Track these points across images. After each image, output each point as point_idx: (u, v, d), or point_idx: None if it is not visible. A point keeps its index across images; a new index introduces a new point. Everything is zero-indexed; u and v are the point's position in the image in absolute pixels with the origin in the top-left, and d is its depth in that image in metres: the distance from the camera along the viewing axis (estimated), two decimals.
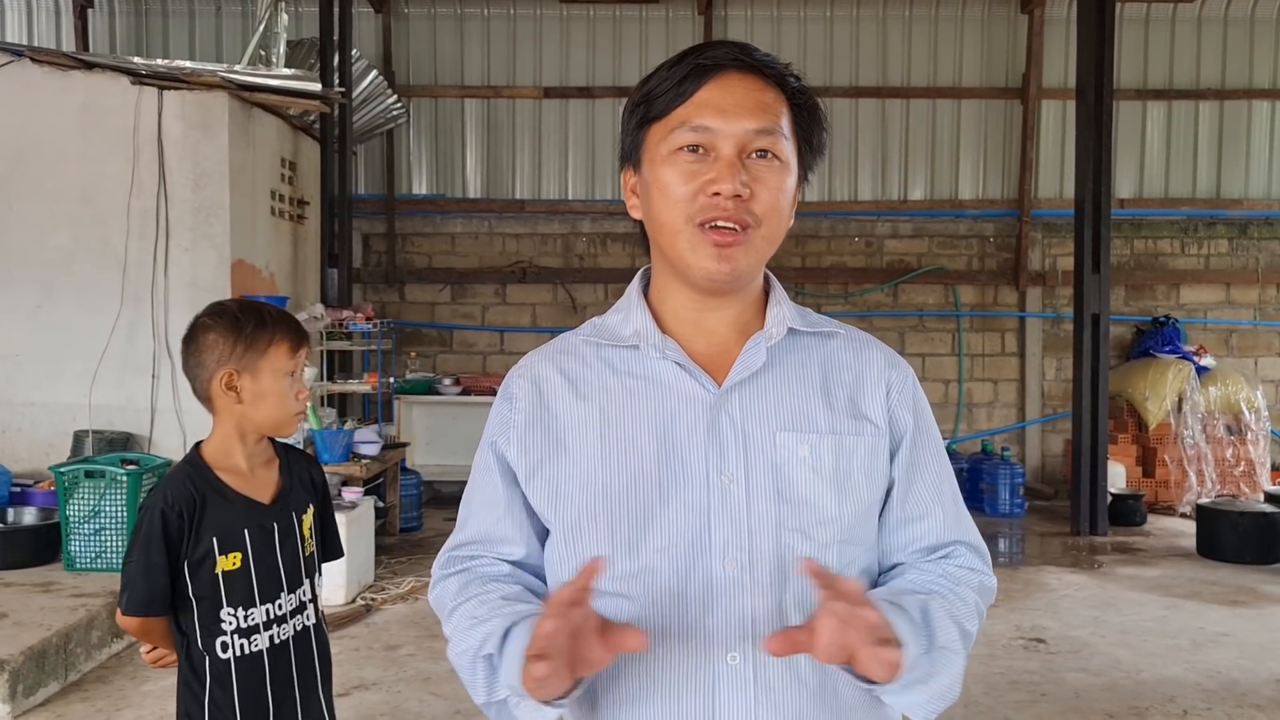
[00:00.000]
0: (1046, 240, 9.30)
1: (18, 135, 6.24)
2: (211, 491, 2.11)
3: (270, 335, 2.12)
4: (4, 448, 6.27)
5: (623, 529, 1.23)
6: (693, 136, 1.21)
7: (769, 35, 9.22)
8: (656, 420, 1.25)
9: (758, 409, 1.26)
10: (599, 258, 9.35)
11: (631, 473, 1.24)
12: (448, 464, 8.74)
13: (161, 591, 2.07)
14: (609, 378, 1.30)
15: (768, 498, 1.23)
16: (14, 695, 4.09)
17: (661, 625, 1.21)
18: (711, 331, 1.31)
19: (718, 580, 1.20)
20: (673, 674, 1.21)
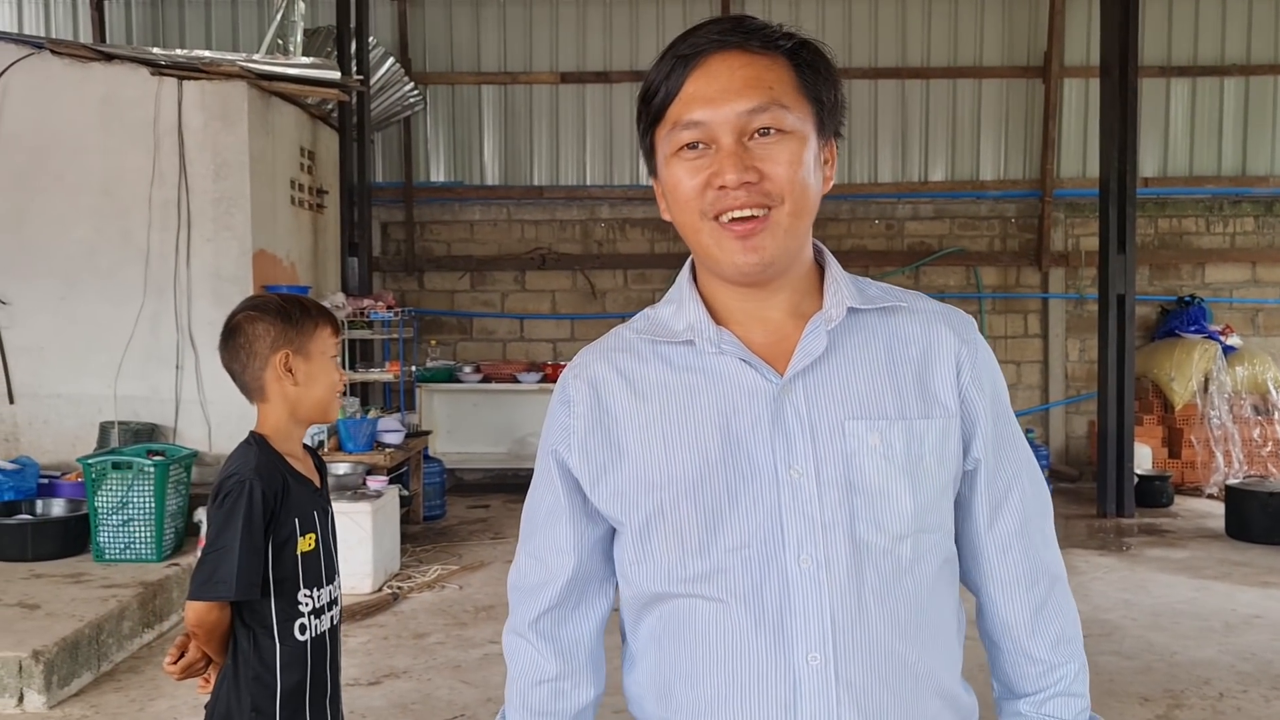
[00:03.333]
0: (1069, 220, 9.22)
1: (39, 128, 6.25)
2: (288, 473, 2.18)
3: (315, 320, 2.24)
4: (31, 440, 6.30)
5: (692, 530, 1.19)
6: (689, 134, 1.17)
7: (786, 16, 9.06)
8: (719, 417, 1.20)
9: (823, 397, 1.20)
10: (618, 243, 9.32)
11: (697, 472, 1.19)
12: (470, 451, 8.75)
13: (261, 573, 2.09)
14: (668, 375, 1.25)
15: (839, 490, 1.17)
16: (49, 686, 4.12)
17: (737, 626, 1.18)
18: (767, 319, 1.25)
19: (794, 579, 1.16)
20: (751, 676, 1.17)
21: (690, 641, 1.21)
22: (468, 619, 5.28)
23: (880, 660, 1.17)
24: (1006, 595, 1.28)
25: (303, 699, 2.16)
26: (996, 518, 1.27)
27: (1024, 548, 1.28)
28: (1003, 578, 1.28)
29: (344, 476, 5.95)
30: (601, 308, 9.29)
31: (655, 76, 1.20)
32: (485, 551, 6.63)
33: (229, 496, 2.09)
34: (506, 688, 1.35)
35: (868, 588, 1.17)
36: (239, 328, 2.20)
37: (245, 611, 2.12)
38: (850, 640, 1.16)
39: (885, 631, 1.17)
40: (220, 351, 2.24)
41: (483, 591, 5.75)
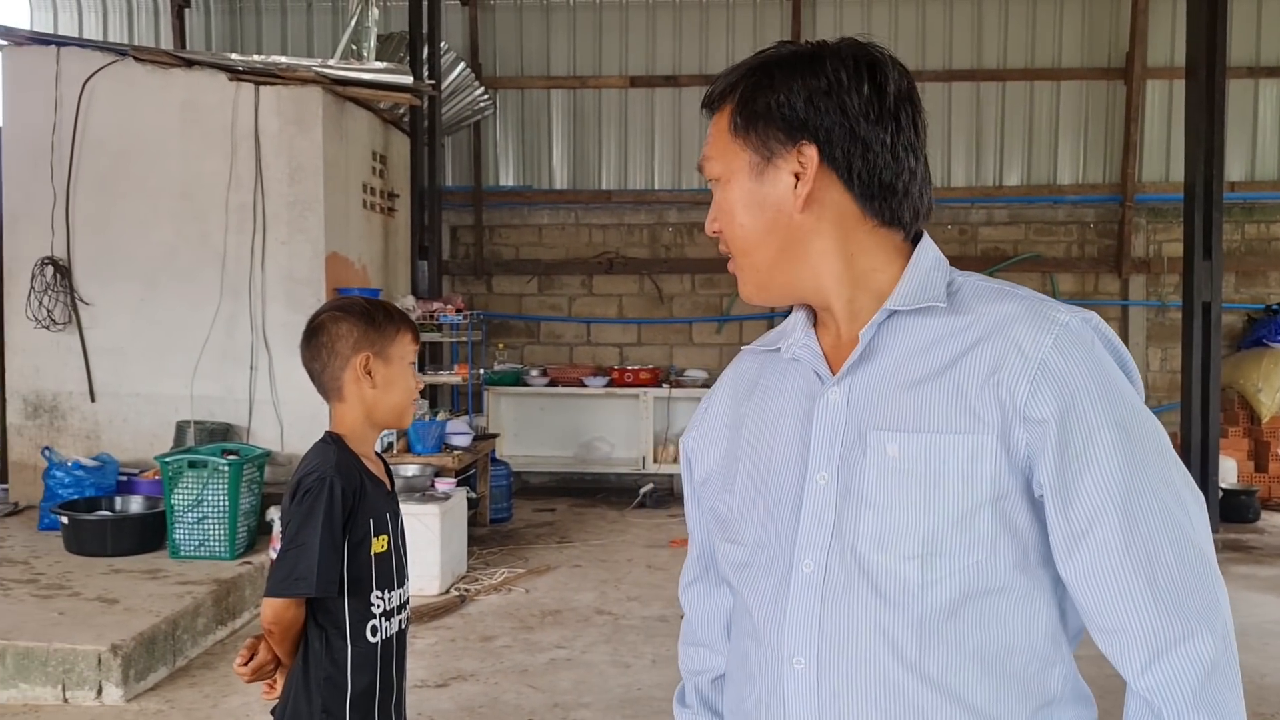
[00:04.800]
0: (1151, 226, 8.97)
1: (122, 133, 6.39)
2: (364, 474, 2.19)
3: (397, 325, 2.24)
4: (111, 438, 6.44)
5: (738, 524, 1.26)
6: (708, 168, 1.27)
7: (859, 20, 9.03)
8: (782, 418, 1.25)
9: (858, 403, 1.17)
10: (686, 248, 9.27)
11: (754, 469, 1.26)
12: (536, 455, 8.77)
13: (339, 571, 2.10)
14: (763, 376, 1.32)
15: (853, 499, 1.14)
16: (126, 680, 4.19)
17: (754, 620, 1.24)
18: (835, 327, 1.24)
19: (795, 581, 1.18)
20: (759, 670, 1.23)
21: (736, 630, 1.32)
22: (534, 623, 5.27)
23: (868, 679, 1.13)
24: (1105, 641, 1.11)
25: (372, 702, 2.15)
26: (1075, 552, 1.10)
27: (1122, 591, 1.07)
28: (1098, 622, 1.11)
29: (413, 478, 5.99)
30: (669, 312, 9.25)
31: None
32: (551, 555, 6.63)
33: (309, 494, 2.08)
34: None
35: (860, 603, 1.13)
36: (322, 326, 2.21)
37: (319, 612, 2.12)
38: (835, 652, 1.14)
39: (878, 651, 1.12)
40: (301, 349, 2.25)
41: (549, 596, 5.74)
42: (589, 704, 4.26)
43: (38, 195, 6.40)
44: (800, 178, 1.18)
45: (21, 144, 6.45)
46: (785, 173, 1.18)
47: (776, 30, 9.07)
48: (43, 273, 6.36)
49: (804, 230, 1.19)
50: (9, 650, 4.18)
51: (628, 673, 4.60)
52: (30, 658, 4.17)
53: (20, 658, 4.17)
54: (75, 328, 6.43)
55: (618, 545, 6.95)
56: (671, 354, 9.26)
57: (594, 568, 6.36)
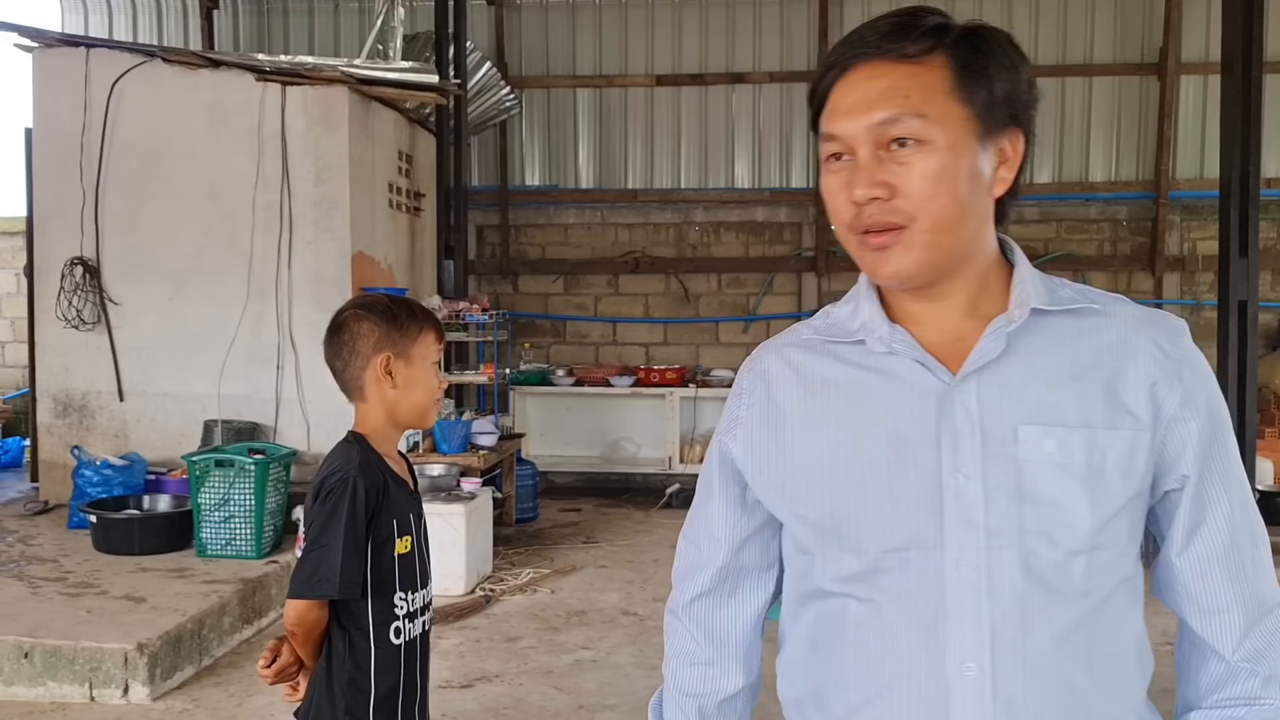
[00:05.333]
0: (1185, 223, 8.83)
1: (151, 134, 6.42)
2: (387, 475, 2.17)
3: (420, 324, 2.21)
4: (140, 437, 6.48)
5: (851, 528, 1.17)
6: (832, 146, 1.17)
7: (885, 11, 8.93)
8: (887, 416, 1.18)
9: (996, 400, 1.15)
10: (712, 247, 9.23)
11: (861, 470, 1.18)
12: (562, 454, 8.74)
13: (363, 572, 2.08)
14: (840, 371, 1.23)
15: (1008, 497, 1.12)
16: (152, 678, 4.20)
17: (892, 630, 1.15)
18: (943, 320, 1.20)
19: (951, 585, 1.12)
20: (903, 682, 1.14)
21: (843, 644, 1.19)
22: (560, 624, 5.25)
23: (1045, 680, 1.12)
24: (1205, 622, 1.19)
25: (395, 704, 2.13)
26: (1192, 541, 1.18)
27: (1227, 574, 1.17)
28: (1203, 604, 1.19)
29: (438, 478, 5.98)
30: (695, 311, 9.21)
31: (814, 84, 1.21)
32: (577, 556, 6.60)
33: (332, 494, 2.06)
34: (665, 664, 1.40)
35: (1034, 602, 1.12)
36: (344, 325, 2.20)
37: (342, 613, 2.10)
38: (1011, 655, 1.11)
39: (1052, 651, 1.12)
40: (324, 347, 2.24)
41: (574, 596, 5.71)
42: (614, 706, 4.23)
43: (67, 196, 6.44)
44: (1006, 163, 1.18)
45: (51, 145, 6.50)
46: (994, 152, 1.16)
47: (804, 28, 9.01)
48: (72, 273, 6.40)
49: (987, 215, 1.19)
50: (37, 648, 4.20)
51: (653, 675, 4.57)
52: (58, 656, 4.19)
53: (48, 656, 4.19)
54: (104, 327, 6.47)
55: (644, 546, 6.91)
56: (698, 354, 9.21)
57: (620, 568, 6.32)
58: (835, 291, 9.01)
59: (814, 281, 9.04)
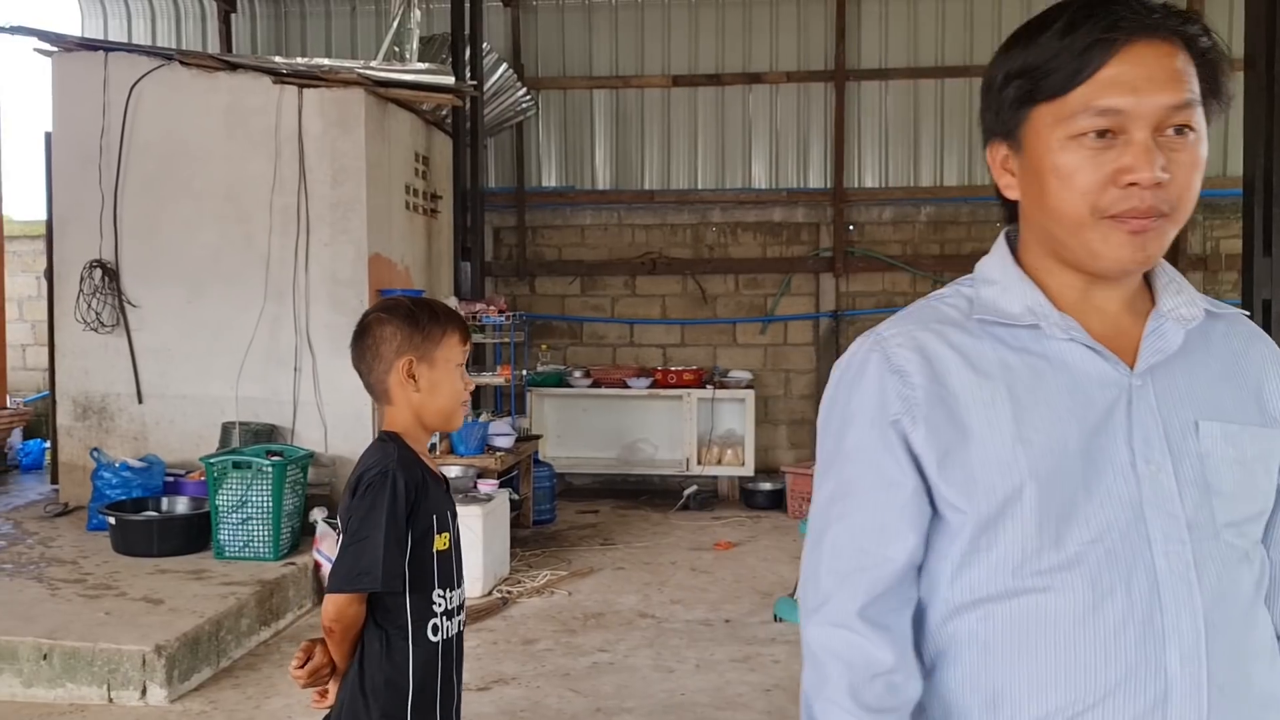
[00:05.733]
0: (1208, 221, 8.75)
1: (169, 137, 6.44)
2: (425, 471, 2.17)
3: (444, 328, 2.20)
4: (158, 439, 6.49)
5: (1050, 520, 1.13)
6: (1100, 121, 1.10)
7: (905, 14, 8.90)
8: (1072, 403, 1.15)
9: (1170, 394, 1.17)
10: (729, 248, 9.20)
11: (1054, 459, 1.13)
12: (579, 456, 8.73)
13: (401, 568, 2.06)
14: (1006, 355, 1.18)
15: (1199, 490, 1.14)
16: (170, 680, 4.20)
17: (1106, 624, 1.11)
18: (1102, 310, 1.20)
19: (1163, 575, 1.12)
20: (1118, 674, 1.11)
21: (1036, 640, 1.13)
22: (577, 626, 5.23)
23: (1245, 667, 1.15)
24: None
25: (433, 704, 2.10)
26: None
27: None
28: None
29: (455, 479, 5.97)
30: (712, 312, 9.18)
31: (1057, 49, 1.11)
32: (595, 558, 6.58)
33: (371, 488, 2.05)
34: (821, 687, 1.19)
35: (1234, 594, 1.14)
36: (368, 329, 2.19)
37: (379, 611, 2.08)
38: (1221, 644, 1.12)
39: (1246, 639, 1.15)
40: (350, 350, 2.24)
41: (592, 598, 5.69)
42: (631, 709, 4.21)
43: (86, 199, 6.47)
44: None
45: (71, 148, 6.53)
46: None
47: (821, 28, 8.97)
48: (91, 275, 6.43)
49: None
50: (56, 650, 4.21)
51: (671, 678, 4.54)
52: (77, 657, 4.20)
53: (67, 657, 4.20)
54: (123, 330, 6.49)
55: (661, 548, 6.89)
56: (715, 355, 9.18)
57: (637, 570, 6.30)
58: (854, 292, 8.98)
59: (831, 282, 9.00)
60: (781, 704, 4.25)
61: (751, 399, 8.49)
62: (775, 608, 5.32)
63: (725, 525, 7.59)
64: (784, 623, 5.19)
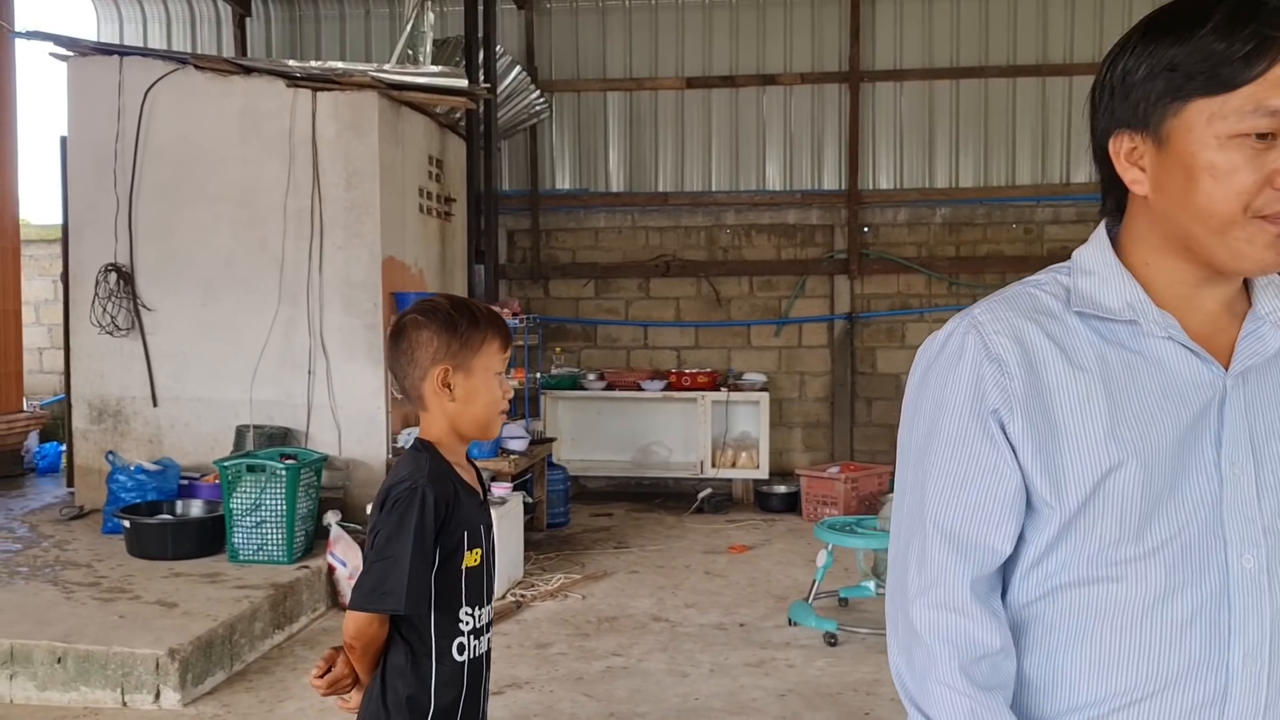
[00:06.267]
0: None
1: (184, 141, 6.46)
2: (458, 485, 2.07)
3: (484, 334, 2.08)
4: (173, 442, 6.51)
5: (1133, 515, 1.15)
6: (1265, 122, 1.08)
7: (920, 15, 8.86)
8: (1165, 402, 1.17)
9: (1258, 398, 1.18)
10: (744, 250, 9.16)
11: (1144, 455, 1.15)
12: (593, 459, 8.71)
13: (426, 587, 1.99)
14: (1104, 349, 1.19)
15: (1277, 496, 1.16)
16: (184, 684, 4.20)
17: (1171, 614, 1.14)
18: (1204, 309, 1.21)
19: (1235, 576, 1.14)
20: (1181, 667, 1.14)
21: (1103, 628, 1.16)
22: (590, 630, 5.21)
23: None
24: None
25: None
26: None
27: None
28: None
29: None
30: (726, 315, 9.15)
31: (1216, 45, 1.09)
32: (608, 561, 6.56)
33: (399, 503, 1.97)
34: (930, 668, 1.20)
35: None
36: (404, 331, 2.08)
37: (404, 626, 2.01)
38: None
39: None
40: (386, 351, 2.19)
41: (605, 602, 5.67)
42: (645, 713, 4.18)
43: (102, 203, 6.49)
44: None
45: (86, 152, 6.55)
46: None
47: (835, 28, 8.94)
48: (106, 279, 6.45)
49: None
50: (70, 653, 4.22)
51: (685, 682, 4.52)
52: (91, 661, 4.20)
53: (81, 660, 4.20)
54: (138, 333, 6.50)
55: (675, 551, 6.86)
56: (729, 357, 9.15)
57: (651, 574, 6.28)
58: (868, 294, 8.94)
59: (846, 284, 8.96)
60: (796, 709, 4.22)
61: (766, 401, 8.45)
62: (790, 612, 5.29)
63: (740, 528, 7.56)
64: (798, 627, 5.16)
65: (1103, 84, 1.20)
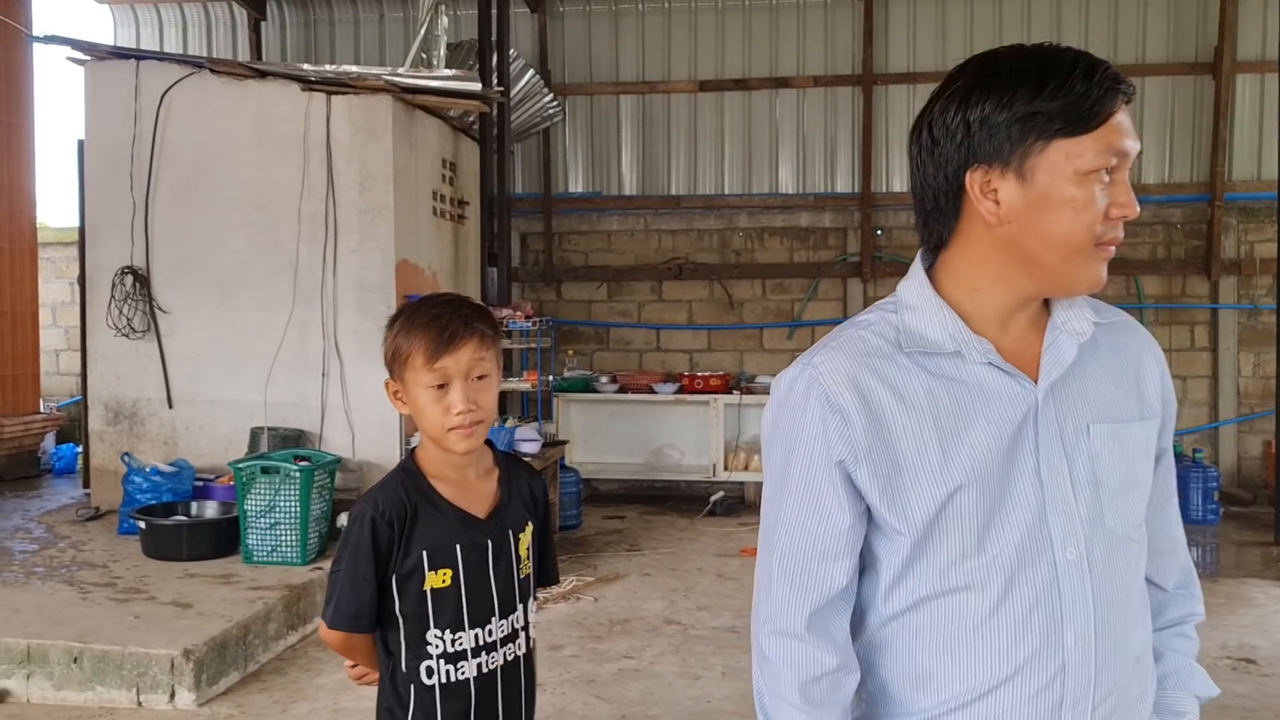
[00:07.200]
0: (1242, 225, 8.62)
1: (199, 145, 6.50)
2: (424, 500, 1.94)
3: (410, 345, 1.90)
4: (188, 444, 6.55)
5: (973, 530, 1.29)
6: (1112, 160, 1.24)
7: (933, 18, 8.85)
8: (987, 423, 1.30)
9: (1067, 401, 1.32)
10: (756, 253, 9.17)
11: (975, 476, 1.29)
12: (606, 462, 8.72)
13: (368, 606, 1.92)
14: (932, 384, 1.32)
15: (1091, 487, 1.31)
16: (198, 684, 4.22)
17: (1013, 612, 1.29)
18: (1014, 329, 1.35)
19: (1063, 568, 1.29)
20: (1026, 655, 1.29)
21: (959, 630, 1.30)
22: (602, 632, 5.21)
23: (1122, 638, 1.32)
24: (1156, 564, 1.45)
25: None
26: (1164, 503, 1.46)
27: (1177, 526, 1.49)
28: (1156, 549, 1.44)
29: None
30: (739, 318, 9.15)
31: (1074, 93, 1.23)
32: (621, 564, 6.57)
33: (350, 522, 1.95)
34: (774, 686, 1.35)
35: (1116, 573, 1.32)
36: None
37: (387, 638, 1.98)
38: (1106, 624, 1.30)
39: (1123, 613, 1.33)
40: None
41: (617, 605, 5.68)
42: (657, 716, 4.19)
43: (118, 206, 6.54)
44: None
45: (103, 156, 6.61)
46: None
47: (848, 32, 8.94)
48: (122, 282, 6.50)
49: None
50: (86, 653, 4.24)
51: (697, 684, 4.52)
52: (106, 661, 4.23)
53: (97, 660, 4.23)
54: (154, 335, 6.55)
55: (687, 554, 6.86)
56: (742, 360, 9.15)
57: (663, 576, 6.28)
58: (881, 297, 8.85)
59: (859, 286, 8.95)
60: None
61: None
62: None
63: (752, 531, 7.55)
64: None
65: (946, 125, 1.30)
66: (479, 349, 1.91)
